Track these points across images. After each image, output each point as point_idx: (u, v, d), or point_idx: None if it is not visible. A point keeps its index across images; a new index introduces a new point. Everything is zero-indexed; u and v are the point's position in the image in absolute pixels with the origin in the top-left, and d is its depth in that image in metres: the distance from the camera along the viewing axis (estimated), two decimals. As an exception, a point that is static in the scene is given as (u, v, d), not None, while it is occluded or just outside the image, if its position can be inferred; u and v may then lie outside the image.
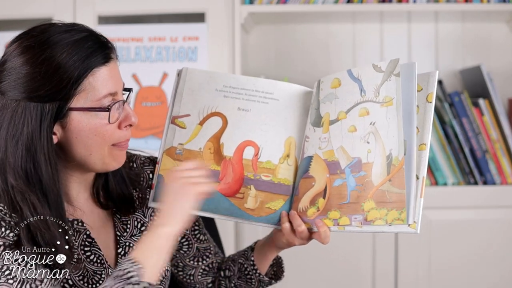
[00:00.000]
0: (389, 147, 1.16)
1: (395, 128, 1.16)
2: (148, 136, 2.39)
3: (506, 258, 2.33)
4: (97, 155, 1.18)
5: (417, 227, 1.14)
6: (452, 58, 2.62)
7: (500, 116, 2.33)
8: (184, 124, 1.34)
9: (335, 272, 2.37)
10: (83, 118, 1.14)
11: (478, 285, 2.34)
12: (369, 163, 1.18)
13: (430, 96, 1.17)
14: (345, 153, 1.22)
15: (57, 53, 1.11)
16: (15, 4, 2.38)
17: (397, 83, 1.18)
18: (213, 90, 1.35)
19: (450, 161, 2.36)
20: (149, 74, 2.38)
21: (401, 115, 1.16)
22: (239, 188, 1.31)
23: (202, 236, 1.45)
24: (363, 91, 1.22)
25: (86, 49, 1.13)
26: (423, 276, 2.34)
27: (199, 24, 2.37)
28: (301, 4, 2.35)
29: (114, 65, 1.19)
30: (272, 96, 1.34)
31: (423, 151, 1.15)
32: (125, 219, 1.32)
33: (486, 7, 2.33)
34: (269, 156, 1.32)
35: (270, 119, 1.33)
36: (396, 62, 1.19)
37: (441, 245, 2.34)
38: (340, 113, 1.24)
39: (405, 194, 1.14)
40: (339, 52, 2.64)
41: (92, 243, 1.24)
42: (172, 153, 1.33)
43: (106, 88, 1.15)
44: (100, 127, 1.16)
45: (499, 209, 2.33)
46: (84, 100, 1.14)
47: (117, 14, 2.42)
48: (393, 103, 1.17)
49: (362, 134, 1.20)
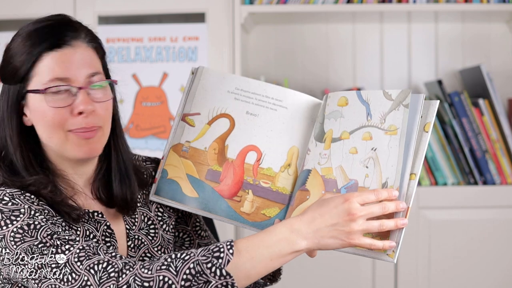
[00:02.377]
0: (386, 175, 1.16)
1: (395, 157, 1.16)
2: (148, 136, 2.39)
3: (506, 258, 2.33)
4: (55, 139, 1.22)
5: (394, 257, 1.13)
6: (452, 58, 2.62)
7: (500, 116, 2.33)
8: (194, 122, 1.35)
9: (335, 272, 2.37)
10: (36, 101, 1.21)
11: (477, 285, 2.34)
12: (365, 188, 1.18)
13: (428, 126, 1.17)
14: (343, 173, 1.22)
15: (17, 40, 1.22)
16: (15, 4, 2.38)
17: (404, 114, 1.17)
18: (225, 91, 1.35)
19: (450, 161, 2.36)
20: (149, 74, 2.38)
21: (403, 146, 1.16)
22: (237, 191, 1.32)
23: (203, 233, 1.46)
24: (369, 115, 1.22)
25: (39, 36, 1.21)
26: (423, 276, 2.34)
27: (199, 24, 2.37)
28: (301, 4, 2.35)
29: (69, 51, 1.21)
30: (281, 103, 1.34)
31: (412, 181, 1.15)
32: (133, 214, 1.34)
33: (486, 7, 2.33)
34: (271, 163, 1.32)
35: (276, 126, 1.33)
36: (407, 93, 1.18)
37: (441, 245, 2.34)
38: (344, 132, 1.24)
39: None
40: (339, 52, 2.64)
41: (112, 234, 1.27)
42: (179, 150, 1.35)
43: (53, 72, 1.20)
44: (46, 111, 1.21)
45: (499, 209, 2.33)
46: (35, 84, 1.21)
47: (117, 14, 2.42)
48: (397, 133, 1.17)
49: (363, 157, 1.20)
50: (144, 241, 1.32)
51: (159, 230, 1.35)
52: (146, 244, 1.32)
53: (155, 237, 1.34)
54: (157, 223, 1.36)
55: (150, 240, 1.33)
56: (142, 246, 1.32)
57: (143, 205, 1.36)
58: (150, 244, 1.32)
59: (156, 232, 1.35)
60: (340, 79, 2.63)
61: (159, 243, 1.34)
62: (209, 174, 1.33)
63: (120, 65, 2.34)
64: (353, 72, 2.64)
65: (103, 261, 1.11)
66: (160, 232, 1.35)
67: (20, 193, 1.17)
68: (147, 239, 1.33)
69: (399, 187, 1.14)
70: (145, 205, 1.36)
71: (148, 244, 1.32)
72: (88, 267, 1.10)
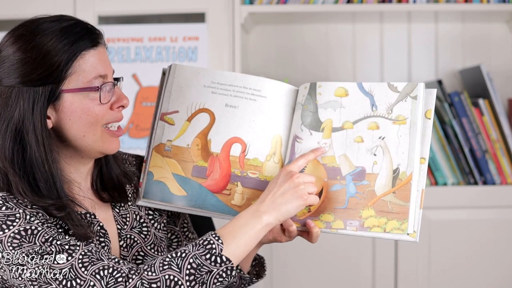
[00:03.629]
0: (397, 162, 1.23)
1: (406, 145, 1.23)
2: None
3: (506, 258, 2.33)
4: (90, 136, 1.22)
5: (417, 236, 1.21)
6: (452, 58, 2.62)
7: (500, 116, 2.33)
8: (173, 120, 1.35)
9: (335, 272, 2.37)
10: (75, 99, 1.20)
11: (477, 285, 2.34)
12: (373, 174, 1.24)
13: (429, 113, 1.24)
14: (347, 161, 1.27)
15: (46, 39, 1.18)
16: (15, 4, 2.38)
17: (413, 105, 1.24)
18: (201, 86, 1.35)
19: (450, 161, 2.36)
20: (149, 74, 2.38)
21: (414, 134, 1.23)
22: (226, 184, 1.32)
23: (191, 235, 1.47)
24: (374, 106, 1.28)
25: (74, 34, 1.20)
26: (423, 276, 2.34)
27: (199, 24, 2.37)
28: (301, 4, 2.35)
29: (102, 50, 1.24)
30: (260, 93, 1.34)
31: (422, 165, 1.22)
32: (124, 213, 1.33)
33: (486, 7, 2.33)
34: (256, 153, 1.32)
35: (257, 116, 1.33)
36: (414, 86, 1.25)
37: (441, 245, 2.34)
38: (346, 122, 1.29)
39: (409, 206, 1.21)
40: (339, 52, 2.64)
41: (106, 234, 1.27)
42: (161, 150, 1.34)
43: (96, 70, 1.21)
44: (92, 107, 1.21)
45: (499, 209, 2.33)
46: (75, 82, 1.19)
47: (117, 14, 2.42)
48: (406, 123, 1.24)
49: (369, 146, 1.26)
50: (137, 239, 1.32)
51: (151, 228, 1.35)
52: (139, 243, 1.32)
53: (147, 235, 1.34)
54: (148, 222, 1.36)
55: (143, 239, 1.33)
56: (135, 245, 1.31)
57: (133, 204, 1.36)
58: (143, 243, 1.32)
59: (148, 230, 1.35)
60: (340, 79, 2.63)
61: (152, 241, 1.34)
62: (195, 171, 1.33)
63: (120, 65, 2.34)
64: (353, 72, 2.64)
65: (108, 266, 1.12)
66: (152, 230, 1.35)
67: (13, 196, 1.17)
68: (139, 237, 1.33)
69: (412, 172, 1.21)
70: (134, 204, 1.36)
71: (141, 243, 1.32)
72: (93, 272, 1.11)
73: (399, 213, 1.20)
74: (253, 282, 1.44)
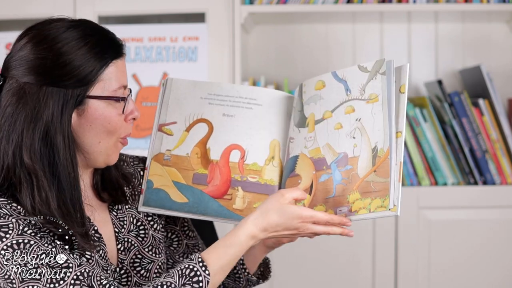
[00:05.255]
0: (375, 140, 1.22)
1: (380, 122, 1.22)
2: (148, 136, 2.39)
3: (506, 258, 2.33)
4: (104, 143, 1.23)
5: (397, 209, 1.18)
6: (452, 58, 2.62)
7: (500, 116, 2.33)
8: (171, 131, 1.38)
9: (335, 272, 2.37)
10: (100, 107, 1.20)
11: (477, 285, 2.34)
12: (355, 157, 1.24)
13: (403, 87, 1.24)
14: (331, 150, 1.28)
15: (81, 42, 1.18)
16: (15, 4, 2.38)
17: (382, 81, 1.25)
18: (198, 98, 1.39)
19: (450, 161, 2.36)
20: (149, 74, 2.39)
21: (387, 110, 1.23)
22: (226, 189, 1.35)
23: (191, 233, 1.47)
24: (348, 90, 1.28)
25: (106, 41, 1.22)
26: (423, 276, 2.34)
27: (199, 24, 2.37)
28: (301, 4, 2.35)
29: (124, 61, 1.26)
30: (256, 101, 1.38)
31: (399, 138, 1.22)
32: (121, 216, 1.33)
33: (486, 7, 2.33)
34: (255, 158, 1.35)
35: (254, 123, 1.37)
36: (382, 62, 1.26)
37: (441, 245, 2.34)
38: (326, 112, 1.30)
39: (389, 182, 1.19)
40: (339, 52, 2.64)
41: (100, 238, 1.27)
42: (160, 159, 1.37)
43: (120, 80, 1.23)
44: (113, 117, 1.22)
45: (499, 209, 2.33)
46: (101, 90, 1.20)
47: (117, 14, 2.42)
48: (378, 99, 1.24)
49: (348, 130, 1.26)
50: (134, 243, 1.32)
51: (149, 230, 1.35)
52: (136, 246, 1.32)
53: (145, 237, 1.34)
54: (146, 224, 1.36)
55: (140, 242, 1.33)
56: (133, 248, 1.32)
57: (131, 206, 1.36)
58: (140, 246, 1.33)
59: (146, 232, 1.35)
60: (340, 79, 2.63)
61: (149, 243, 1.34)
62: (195, 178, 1.36)
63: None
64: (353, 72, 2.64)
65: None
66: (150, 232, 1.35)
67: (7, 203, 1.16)
68: (137, 240, 1.33)
69: (389, 147, 1.21)
70: (133, 205, 1.36)
71: (138, 246, 1.32)
72: None
73: (380, 190, 1.19)
74: (259, 283, 1.45)
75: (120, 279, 1.29)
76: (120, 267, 1.29)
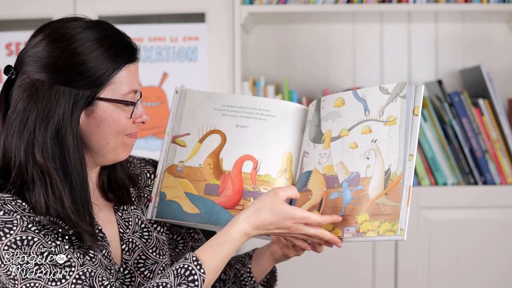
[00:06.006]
0: (389, 163, 1.22)
1: (396, 145, 1.22)
2: (148, 136, 2.39)
3: (506, 258, 2.33)
4: (113, 144, 1.24)
5: (404, 234, 1.18)
6: (452, 58, 2.62)
7: (500, 116, 2.33)
8: (184, 142, 1.39)
9: (335, 272, 2.37)
10: (109, 109, 1.21)
11: (477, 285, 2.34)
12: (367, 178, 1.23)
13: (417, 110, 1.23)
14: (344, 168, 1.27)
15: (97, 44, 1.18)
16: (15, 4, 2.38)
17: (402, 104, 1.24)
18: (212, 109, 1.39)
19: (450, 161, 2.36)
20: (149, 74, 2.39)
21: (403, 134, 1.22)
22: (238, 200, 1.34)
23: (197, 235, 1.47)
24: (367, 110, 1.28)
25: (121, 44, 1.22)
26: (423, 276, 2.35)
27: (199, 24, 2.37)
28: (301, 4, 2.35)
29: (137, 65, 1.26)
30: (269, 113, 1.37)
31: (410, 162, 1.21)
32: (126, 217, 1.33)
33: (486, 7, 2.33)
34: (267, 169, 1.35)
35: (267, 135, 1.36)
36: (403, 86, 1.24)
37: (441, 245, 2.34)
38: (343, 130, 1.29)
39: (400, 207, 1.19)
40: (339, 52, 2.64)
41: (104, 238, 1.27)
42: (173, 171, 1.37)
43: (131, 85, 1.23)
44: (122, 119, 1.22)
45: (499, 209, 2.33)
46: (112, 93, 1.20)
47: (117, 14, 2.42)
48: (396, 122, 1.23)
49: (363, 150, 1.26)
50: (138, 244, 1.32)
51: (152, 232, 1.35)
52: (140, 247, 1.32)
53: (149, 239, 1.34)
54: (150, 226, 1.36)
55: (144, 243, 1.33)
56: (137, 249, 1.32)
57: (136, 207, 1.36)
58: (144, 247, 1.33)
59: (150, 234, 1.35)
60: (340, 79, 2.63)
61: (153, 245, 1.34)
62: (207, 189, 1.36)
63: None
64: (353, 72, 2.64)
65: None
66: (154, 234, 1.35)
67: (12, 199, 1.16)
68: (141, 241, 1.33)
69: (402, 171, 1.20)
70: (139, 206, 1.37)
71: (142, 247, 1.32)
72: None
73: (390, 214, 1.19)
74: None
75: (123, 280, 1.29)
76: (124, 267, 1.29)
